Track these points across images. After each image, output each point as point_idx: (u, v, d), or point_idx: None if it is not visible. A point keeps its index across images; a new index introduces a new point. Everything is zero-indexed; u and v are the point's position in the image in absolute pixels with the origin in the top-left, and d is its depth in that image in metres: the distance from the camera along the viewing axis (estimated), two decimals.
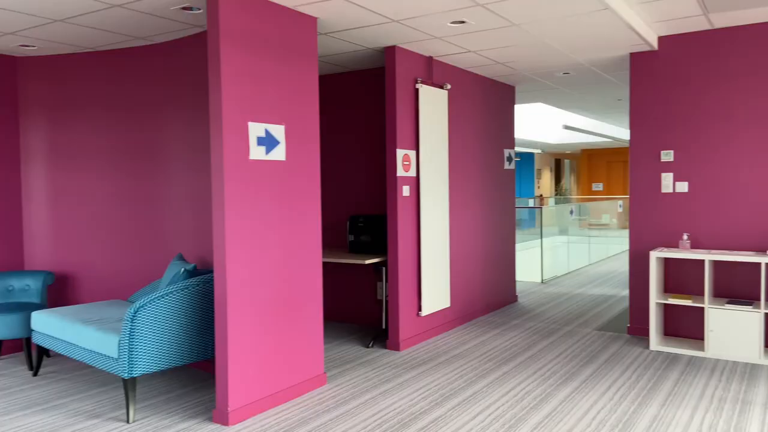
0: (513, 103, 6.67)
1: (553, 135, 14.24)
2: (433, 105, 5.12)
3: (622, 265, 9.74)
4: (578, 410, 3.46)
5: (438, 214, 5.19)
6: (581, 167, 20.06)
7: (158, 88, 4.53)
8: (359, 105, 5.70)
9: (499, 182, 6.35)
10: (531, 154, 18.53)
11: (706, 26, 4.62)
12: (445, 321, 5.40)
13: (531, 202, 16.41)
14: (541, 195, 18.83)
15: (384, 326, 5.15)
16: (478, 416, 3.39)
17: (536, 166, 18.82)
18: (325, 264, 5.97)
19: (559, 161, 20.71)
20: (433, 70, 5.18)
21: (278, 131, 3.61)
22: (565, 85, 6.77)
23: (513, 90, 6.64)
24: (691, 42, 4.79)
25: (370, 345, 4.89)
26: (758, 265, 4.57)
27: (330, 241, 5.91)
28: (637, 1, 3.99)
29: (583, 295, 7.06)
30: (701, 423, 3.26)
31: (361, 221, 5.14)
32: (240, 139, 3.37)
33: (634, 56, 5.04)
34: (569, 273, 8.99)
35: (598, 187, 19.54)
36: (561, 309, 6.29)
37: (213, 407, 3.60)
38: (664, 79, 4.92)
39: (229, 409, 3.32)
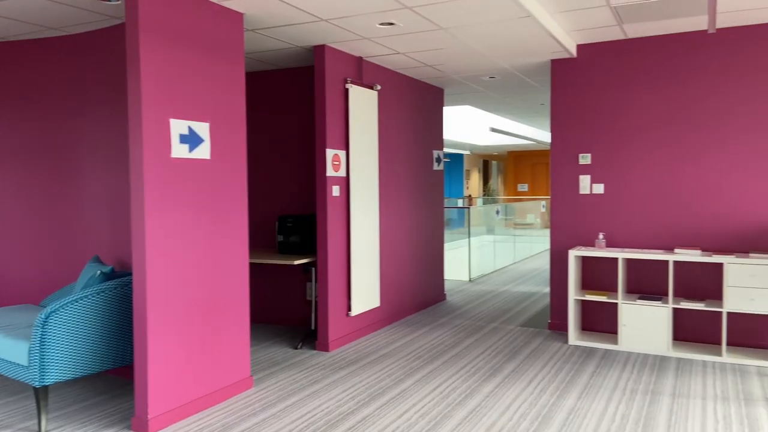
0: (442, 104, 6.79)
1: (480, 137, 14.60)
2: (363, 105, 5.13)
3: (545, 263, 10.13)
4: (501, 405, 3.57)
5: (368, 214, 5.21)
6: (508, 168, 20.69)
7: (73, 82, 4.30)
8: (289, 103, 5.63)
9: (428, 183, 6.44)
10: (460, 155, 18.94)
11: (620, 36, 4.87)
12: (375, 320, 5.42)
13: (460, 202, 16.77)
14: (469, 195, 19.28)
15: (313, 327, 5.12)
16: (405, 414, 3.43)
17: (465, 167, 19.25)
18: (253, 265, 5.86)
19: (487, 162, 21.27)
20: (363, 71, 5.19)
21: (202, 129, 3.51)
22: (491, 89, 6.96)
23: (442, 92, 6.76)
24: (606, 50, 5.04)
25: (299, 346, 4.85)
26: (666, 262, 4.87)
27: (258, 242, 5.81)
28: (557, 10, 4.16)
29: (508, 293, 7.29)
30: (615, 413, 3.43)
31: (290, 221, 5.08)
32: (161, 137, 3.25)
33: (554, 62, 5.25)
34: (495, 271, 9.25)
35: (523, 187, 20.22)
36: (487, 306, 6.47)
37: (132, 415, 3.46)
38: (581, 86, 5.16)
39: (148, 416, 3.20)
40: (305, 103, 5.55)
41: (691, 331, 4.80)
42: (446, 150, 16.07)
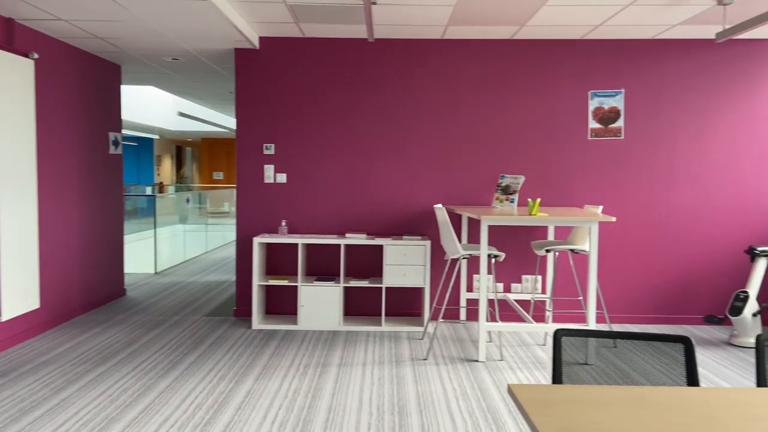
0: (119, 83, 6.22)
1: (170, 121, 13.91)
2: (15, 75, 4.36)
3: None
4: (177, 399, 3.46)
5: (20, 203, 4.47)
6: (203, 156, 20.20)
7: None
8: None
9: (103, 167, 5.85)
10: (150, 140, 17.75)
11: (299, 34, 5.15)
12: (34, 324, 4.71)
13: (150, 190, 15.75)
14: (161, 183, 18.23)
15: None
16: (63, 426, 3.06)
17: (156, 153, 18.13)
18: None
19: (180, 148, 20.39)
20: (15, 35, 4.42)
21: None
22: (176, 72, 6.66)
23: (119, 69, 6.19)
24: (288, 46, 5.27)
25: None
26: (339, 246, 5.36)
27: None
28: None
29: (197, 283, 7.12)
30: (288, 389, 3.64)
31: None
32: None
33: (238, 52, 5.27)
34: (186, 261, 8.96)
35: (218, 176, 19.99)
36: (172, 299, 6.21)
37: None
38: (265, 77, 5.30)
39: None
40: None
41: (359, 306, 5.39)
42: (132, 133, 14.86)
